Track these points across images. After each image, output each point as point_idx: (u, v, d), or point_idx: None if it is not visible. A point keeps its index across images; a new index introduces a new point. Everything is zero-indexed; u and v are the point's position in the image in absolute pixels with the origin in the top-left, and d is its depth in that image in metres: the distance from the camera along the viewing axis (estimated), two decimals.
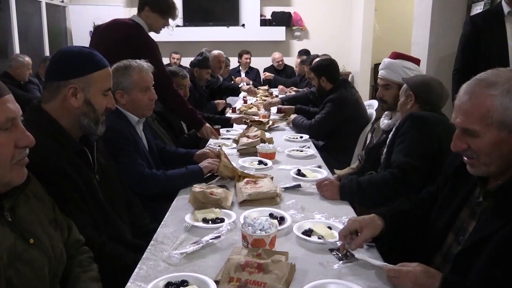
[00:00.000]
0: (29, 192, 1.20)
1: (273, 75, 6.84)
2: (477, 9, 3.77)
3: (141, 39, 2.81)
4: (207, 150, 2.38)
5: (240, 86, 5.20)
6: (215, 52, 5.28)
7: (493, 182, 1.24)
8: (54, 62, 1.50)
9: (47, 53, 6.90)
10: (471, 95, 1.18)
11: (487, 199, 1.25)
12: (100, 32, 2.95)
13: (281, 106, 4.23)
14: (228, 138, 3.15)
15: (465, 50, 2.98)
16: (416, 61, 2.31)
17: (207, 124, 3.10)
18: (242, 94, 5.44)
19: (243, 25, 7.93)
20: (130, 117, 2.13)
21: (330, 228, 1.55)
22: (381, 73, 2.34)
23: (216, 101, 4.46)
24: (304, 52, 6.63)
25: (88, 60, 1.50)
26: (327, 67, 3.54)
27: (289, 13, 8.07)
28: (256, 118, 3.69)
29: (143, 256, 1.37)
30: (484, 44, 2.84)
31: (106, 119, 1.59)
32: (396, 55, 2.31)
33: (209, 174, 2.12)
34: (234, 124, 3.71)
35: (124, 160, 1.92)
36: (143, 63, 2.13)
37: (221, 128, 3.41)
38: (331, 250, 1.41)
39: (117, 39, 2.76)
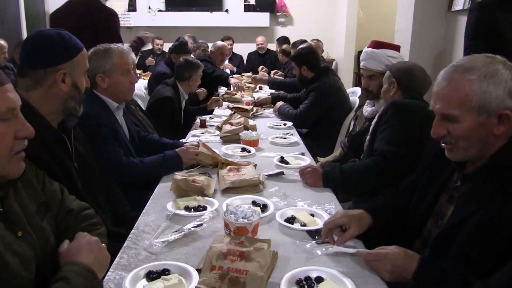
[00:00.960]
0: (19, 184, 1.16)
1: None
2: None
3: (99, 10, 2.97)
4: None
5: (230, 75, 5.15)
6: (219, 43, 5.19)
7: (470, 166, 1.26)
8: (35, 49, 1.43)
9: (24, 37, 6.69)
10: (449, 81, 1.19)
11: (464, 183, 1.27)
12: (56, 22, 3.04)
13: (259, 97, 4.21)
14: (212, 125, 3.13)
15: (477, 36, 2.85)
16: (396, 48, 2.30)
17: None
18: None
19: (227, 10, 7.83)
20: (109, 103, 2.08)
21: (312, 215, 1.56)
22: (364, 63, 2.30)
23: (198, 90, 4.41)
24: (283, 39, 6.56)
25: (69, 43, 1.47)
26: (307, 56, 3.49)
27: None
28: (240, 105, 3.67)
29: (124, 244, 1.36)
30: (498, 29, 2.78)
31: (84, 105, 1.56)
32: (377, 44, 2.28)
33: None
34: (215, 111, 3.71)
35: (101, 148, 1.88)
36: (123, 46, 2.12)
37: (201, 116, 3.39)
38: (313, 236, 1.41)
39: (77, 20, 2.88)
